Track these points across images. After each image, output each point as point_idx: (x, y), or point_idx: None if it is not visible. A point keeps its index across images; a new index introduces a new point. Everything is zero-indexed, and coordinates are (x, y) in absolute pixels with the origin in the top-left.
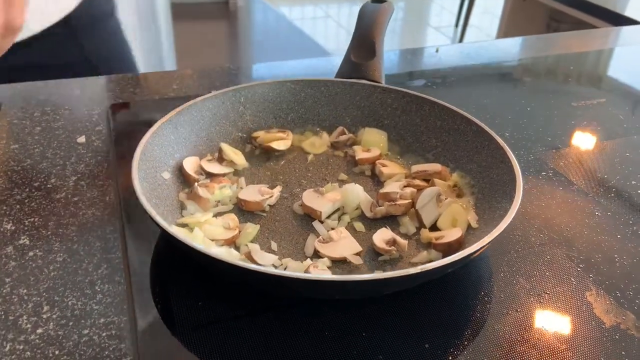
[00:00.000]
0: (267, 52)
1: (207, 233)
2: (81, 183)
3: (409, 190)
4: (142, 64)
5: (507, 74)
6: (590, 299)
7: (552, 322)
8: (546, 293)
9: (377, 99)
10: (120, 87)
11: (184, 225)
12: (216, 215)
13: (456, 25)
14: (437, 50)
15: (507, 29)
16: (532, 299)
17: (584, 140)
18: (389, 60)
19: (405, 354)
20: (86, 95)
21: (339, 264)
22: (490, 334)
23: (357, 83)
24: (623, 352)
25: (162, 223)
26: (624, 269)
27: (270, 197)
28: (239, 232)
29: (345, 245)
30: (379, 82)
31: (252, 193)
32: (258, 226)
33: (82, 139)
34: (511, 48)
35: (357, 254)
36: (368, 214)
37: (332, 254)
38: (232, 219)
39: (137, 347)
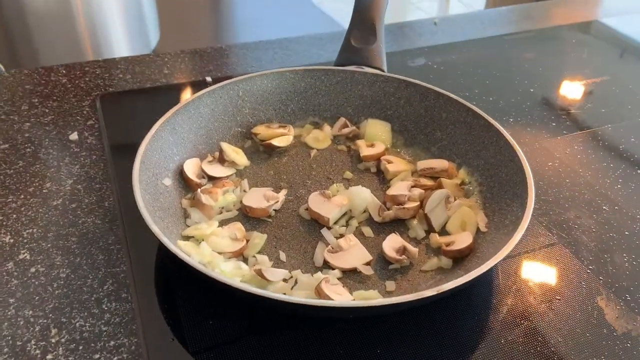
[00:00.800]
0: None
1: (214, 246)
2: (78, 187)
3: (417, 192)
4: (124, 34)
5: (509, 48)
6: (601, 303)
7: (563, 331)
8: (557, 298)
9: (380, 89)
10: (109, 74)
11: (189, 237)
12: (221, 223)
13: None
14: (435, 23)
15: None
16: (543, 306)
17: (593, 121)
18: (386, 35)
19: None
20: (74, 83)
21: (349, 274)
22: (504, 346)
23: (359, 72)
24: None
25: (171, 247)
26: (633, 269)
27: (276, 202)
28: (247, 242)
29: (355, 254)
30: (380, 69)
31: (257, 198)
32: (265, 236)
33: (74, 136)
34: (515, 17)
35: (367, 263)
36: (376, 218)
37: (343, 264)
38: (239, 228)
39: None
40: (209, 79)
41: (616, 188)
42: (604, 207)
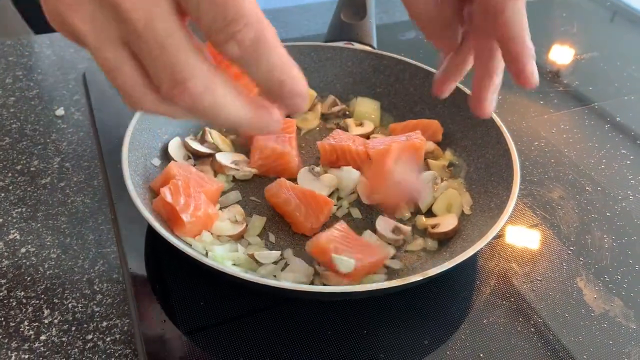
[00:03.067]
0: None
1: (215, 229)
2: (66, 165)
3: None
4: None
5: None
6: (581, 284)
7: (543, 312)
8: (538, 279)
9: (370, 66)
10: None
11: None
12: (222, 208)
13: None
14: None
15: None
16: (524, 287)
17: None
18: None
19: (405, 350)
20: (58, 55)
21: None
22: (486, 326)
23: (348, 48)
24: (610, 342)
25: (162, 232)
26: (612, 250)
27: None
28: (246, 226)
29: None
30: (370, 45)
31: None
32: (265, 218)
33: (60, 112)
34: None
35: None
36: (364, 200)
37: None
38: (239, 211)
39: (144, 353)
40: None
41: (600, 168)
42: (587, 188)
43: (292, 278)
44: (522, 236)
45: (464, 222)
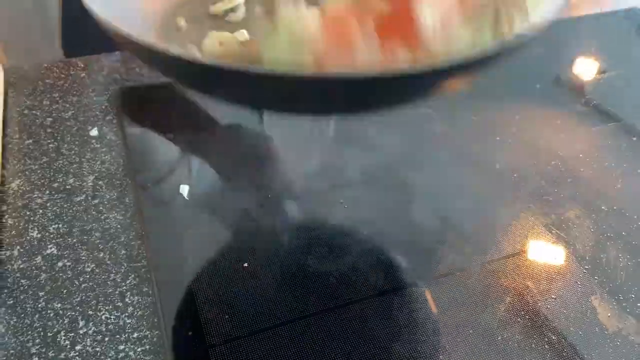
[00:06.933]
0: None
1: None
2: (99, 183)
3: None
4: None
5: None
6: (595, 303)
7: (557, 330)
8: (552, 297)
9: None
10: (127, 68)
11: None
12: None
13: None
14: None
15: None
16: (539, 304)
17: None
18: None
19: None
20: (92, 77)
21: None
22: (500, 343)
23: None
24: (623, 359)
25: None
26: (627, 269)
27: None
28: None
29: None
30: None
31: None
32: None
33: (94, 132)
34: None
35: None
36: None
37: None
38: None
39: None
40: None
41: (616, 188)
42: (602, 207)
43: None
44: (537, 254)
45: None
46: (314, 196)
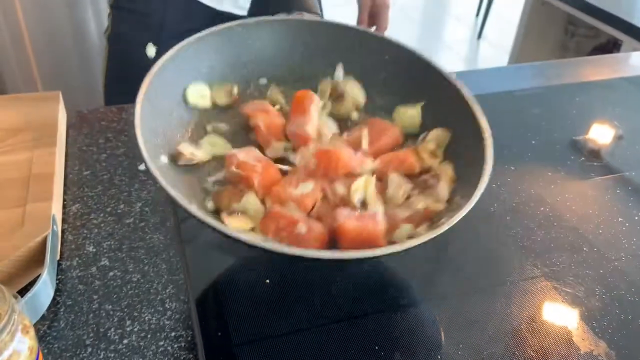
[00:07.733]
0: None
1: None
2: (145, 209)
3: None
4: None
5: (520, 107)
6: (571, 328)
7: (539, 352)
8: (534, 323)
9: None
10: None
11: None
12: None
13: (477, 14)
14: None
15: (526, 30)
16: (522, 328)
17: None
18: None
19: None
20: None
21: None
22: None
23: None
24: None
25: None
26: (602, 301)
27: None
28: None
29: None
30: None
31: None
32: None
33: (142, 167)
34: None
35: None
36: None
37: None
38: None
39: (203, 358)
40: None
41: (597, 233)
42: (584, 249)
43: None
44: (523, 286)
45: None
46: None
